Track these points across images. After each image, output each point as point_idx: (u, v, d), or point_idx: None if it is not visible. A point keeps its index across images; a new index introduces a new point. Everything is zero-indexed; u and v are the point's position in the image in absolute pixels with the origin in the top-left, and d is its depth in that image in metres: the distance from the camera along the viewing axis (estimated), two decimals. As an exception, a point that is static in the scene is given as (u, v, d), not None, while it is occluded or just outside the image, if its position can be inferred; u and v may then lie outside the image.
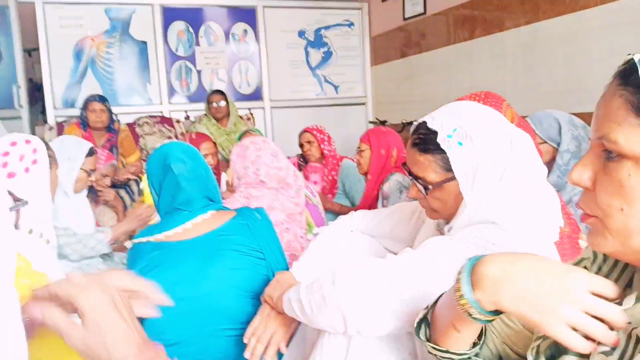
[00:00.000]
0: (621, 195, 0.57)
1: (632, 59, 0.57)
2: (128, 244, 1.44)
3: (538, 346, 0.67)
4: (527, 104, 3.11)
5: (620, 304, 0.59)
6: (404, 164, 1.15)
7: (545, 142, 1.99)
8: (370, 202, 2.57)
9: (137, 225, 2.15)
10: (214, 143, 3.06)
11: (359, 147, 2.62)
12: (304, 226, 1.96)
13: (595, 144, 0.61)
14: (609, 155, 0.58)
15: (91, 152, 2.18)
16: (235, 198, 1.90)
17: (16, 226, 0.65)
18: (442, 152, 1.04)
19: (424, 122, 1.08)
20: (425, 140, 1.07)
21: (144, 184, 2.41)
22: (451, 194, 1.07)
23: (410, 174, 1.12)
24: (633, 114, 0.55)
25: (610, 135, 0.57)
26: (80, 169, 2.11)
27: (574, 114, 2.13)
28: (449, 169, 1.05)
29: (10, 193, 0.61)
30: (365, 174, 2.63)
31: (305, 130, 3.43)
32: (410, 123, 4.21)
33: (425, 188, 1.08)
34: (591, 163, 0.61)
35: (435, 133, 1.04)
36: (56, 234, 1.92)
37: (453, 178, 1.05)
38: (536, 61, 3.15)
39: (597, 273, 0.68)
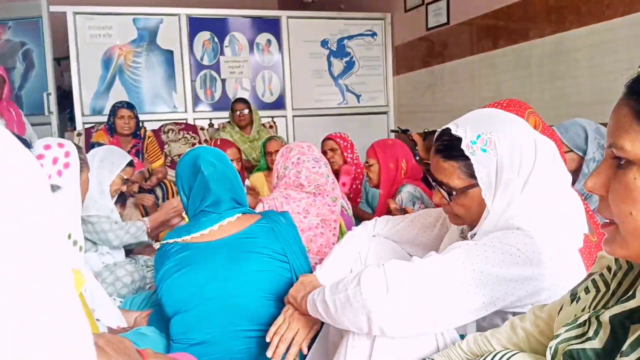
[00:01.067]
0: (629, 200, 0.58)
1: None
2: (156, 245, 1.47)
3: (556, 347, 0.68)
4: (552, 114, 3.09)
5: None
6: (428, 169, 1.16)
7: (572, 151, 1.97)
8: (386, 215, 2.55)
9: (171, 216, 2.25)
10: (239, 149, 3.10)
11: (366, 162, 2.60)
12: (337, 233, 1.99)
13: (607, 153, 0.63)
14: (619, 162, 0.60)
15: (131, 164, 2.32)
16: (274, 196, 1.95)
17: None
18: (466, 158, 1.05)
19: (448, 129, 1.09)
20: (449, 146, 1.08)
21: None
22: (475, 200, 1.07)
23: (434, 180, 1.13)
24: (637, 121, 0.58)
25: (618, 142, 0.59)
26: (118, 174, 2.22)
27: (600, 125, 2.11)
28: (472, 175, 1.05)
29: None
30: (376, 187, 2.61)
31: (328, 138, 3.36)
32: (432, 132, 4.20)
33: (449, 194, 1.09)
34: (604, 171, 0.63)
35: (459, 139, 1.05)
36: (98, 221, 2.04)
37: (477, 184, 1.05)
38: (562, 71, 3.13)
39: (618, 287, 0.69)
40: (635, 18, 2.61)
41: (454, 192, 1.08)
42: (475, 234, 1.08)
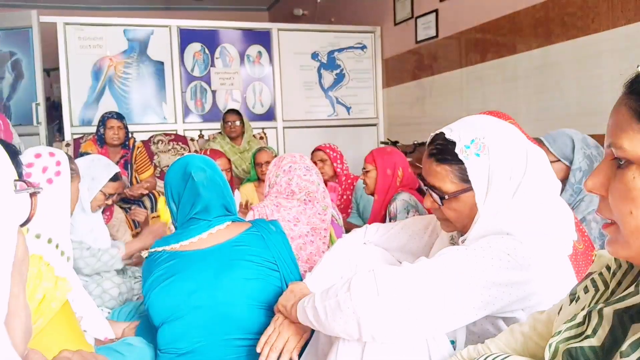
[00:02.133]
0: (628, 199, 0.59)
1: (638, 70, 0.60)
2: (144, 254, 1.46)
3: (557, 346, 0.68)
4: (539, 126, 3.13)
5: None
6: (420, 174, 1.17)
7: (559, 160, 1.99)
8: (378, 222, 2.56)
9: (151, 242, 2.17)
10: (229, 160, 3.10)
11: (364, 168, 2.62)
12: (327, 242, 2.00)
13: (607, 152, 0.63)
14: (619, 162, 0.60)
15: (115, 178, 2.20)
16: (265, 204, 1.96)
17: (29, 218, 0.66)
18: (459, 162, 1.05)
19: (442, 133, 1.09)
20: (442, 150, 1.08)
21: (161, 202, 2.45)
22: (467, 204, 1.08)
23: (426, 184, 1.13)
24: (636, 120, 0.58)
25: (617, 141, 0.60)
26: (100, 190, 2.14)
27: (587, 135, 2.14)
28: (465, 179, 1.06)
29: (24, 180, 0.62)
30: (372, 194, 2.63)
31: (317, 149, 3.39)
32: (422, 144, 4.23)
33: (442, 198, 1.09)
34: (604, 171, 0.63)
35: (453, 144, 1.06)
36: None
37: (469, 189, 1.06)
38: (548, 84, 3.18)
39: (617, 286, 0.69)
40: (619, 32, 2.67)
41: (446, 196, 1.08)
42: (465, 240, 1.09)
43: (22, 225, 0.65)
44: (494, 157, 1.03)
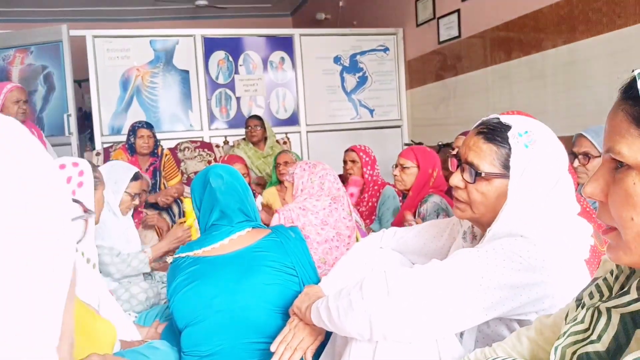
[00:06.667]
0: (629, 205, 0.58)
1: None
2: (169, 259, 1.50)
3: (563, 351, 0.67)
4: (569, 123, 3.07)
5: None
6: (456, 155, 1.16)
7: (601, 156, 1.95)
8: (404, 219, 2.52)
9: (175, 246, 2.23)
10: (246, 165, 3.16)
11: (401, 164, 2.57)
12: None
13: (605, 158, 0.63)
14: (617, 167, 0.60)
15: (136, 177, 2.26)
16: (290, 207, 2.02)
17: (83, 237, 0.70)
18: (507, 147, 1.05)
19: (496, 117, 1.10)
20: (494, 131, 1.08)
21: (186, 205, 2.52)
22: (496, 191, 1.07)
23: (463, 160, 1.11)
24: (634, 126, 0.58)
25: (615, 147, 0.59)
26: (125, 192, 2.20)
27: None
28: (505, 166, 1.05)
29: (77, 201, 0.65)
30: (406, 190, 2.58)
31: (351, 149, 3.32)
32: (447, 144, 4.19)
33: (477, 174, 1.07)
34: (603, 176, 0.63)
35: (506, 127, 1.06)
36: (101, 253, 2.02)
37: (505, 176, 1.05)
38: (577, 80, 3.11)
39: (620, 290, 0.68)
40: (647, 25, 2.60)
41: (483, 174, 1.07)
42: (481, 240, 1.08)
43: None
44: (539, 155, 1.03)
